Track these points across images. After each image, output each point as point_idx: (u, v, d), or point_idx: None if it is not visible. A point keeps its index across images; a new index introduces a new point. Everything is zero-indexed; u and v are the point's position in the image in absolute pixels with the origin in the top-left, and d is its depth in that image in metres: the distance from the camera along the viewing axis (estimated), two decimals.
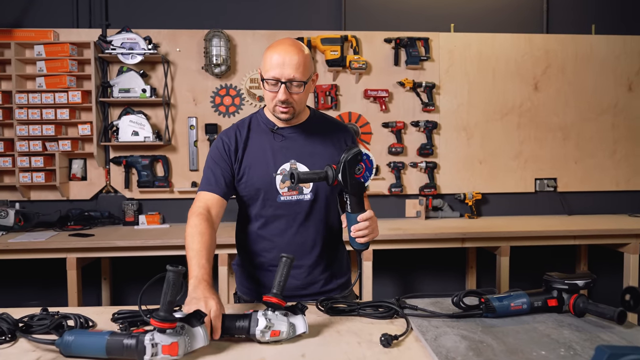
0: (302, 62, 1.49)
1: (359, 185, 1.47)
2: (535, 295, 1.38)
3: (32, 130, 3.40)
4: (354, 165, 1.45)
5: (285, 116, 1.56)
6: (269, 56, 1.50)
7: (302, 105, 1.58)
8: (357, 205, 1.50)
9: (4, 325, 1.27)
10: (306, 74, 1.51)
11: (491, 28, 3.86)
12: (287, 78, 1.48)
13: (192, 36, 3.62)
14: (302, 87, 1.51)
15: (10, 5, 3.55)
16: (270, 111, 1.59)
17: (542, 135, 3.89)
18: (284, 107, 1.53)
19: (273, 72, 1.48)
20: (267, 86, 1.51)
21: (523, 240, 3.28)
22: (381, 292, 3.71)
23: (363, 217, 1.49)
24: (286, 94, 1.50)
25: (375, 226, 1.53)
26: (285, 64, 1.47)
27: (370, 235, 1.51)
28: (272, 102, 1.54)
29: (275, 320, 1.21)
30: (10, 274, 3.61)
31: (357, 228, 1.49)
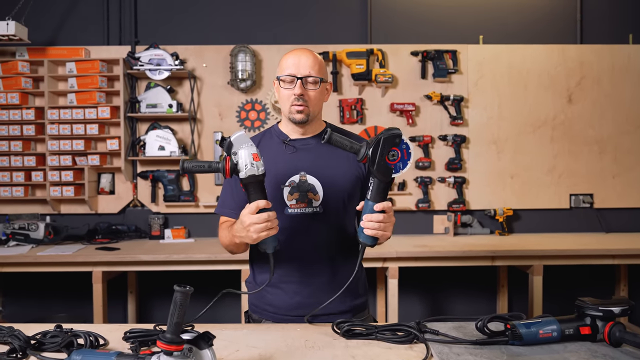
0: (316, 62, 1.56)
1: (387, 170, 1.37)
2: (567, 322, 1.28)
3: (62, 145, 3.48)
4: (389, 145, 1.36)
5: (300, 116, 1.55)
6: (285, 59, 1.57)
7: (316, 108, 1.58)
8: (378, 193, 1.40)
9: (15, 343, 1.26)
10: (321, 73, 1.56)
11: (522, 39, 3.75)
12: (303, 74, 1.53)
13: (218, 51, 3.65)
14: (318, 84, 1.55)
15: (45, 24, 3.66)
16: (286, 114, 1.58)
17: (577, 149, 3.74)
18: (300, 105, 1.54)
19: (289, 70, 1.54)
20: (283, 84, 1.55)
21: (557, 259, 3.13)
22: (407, 311, 3.61)
23: (379, 206, 1.39)
24: (302, 89, 1.53)
25: (390, 224, 1.43)
26: (300, 63, 1.54)
27: (381, 232, 1.41)
28: (287, 101, 1.56)
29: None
30: (39, 286, 3.68)
31: (369, 218, 1.40)
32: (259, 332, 1.43)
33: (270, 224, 1.38)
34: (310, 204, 1.57)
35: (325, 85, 1.60)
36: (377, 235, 1.42)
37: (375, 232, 1.40)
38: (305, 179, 1.57)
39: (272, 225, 1.38)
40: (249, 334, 1.40)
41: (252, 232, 1.38)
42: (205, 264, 3.07)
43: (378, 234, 1.41)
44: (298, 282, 1.59)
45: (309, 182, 1.57)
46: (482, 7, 3.78)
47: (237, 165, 1.36)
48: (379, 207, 1.40)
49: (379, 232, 1.41)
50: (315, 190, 1.57)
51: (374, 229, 1.40)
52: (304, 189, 1.57)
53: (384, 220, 1.40)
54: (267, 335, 1.40)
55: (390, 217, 1.42)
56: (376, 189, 1.40)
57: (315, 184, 1.57)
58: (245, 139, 1.37)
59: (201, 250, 3.17)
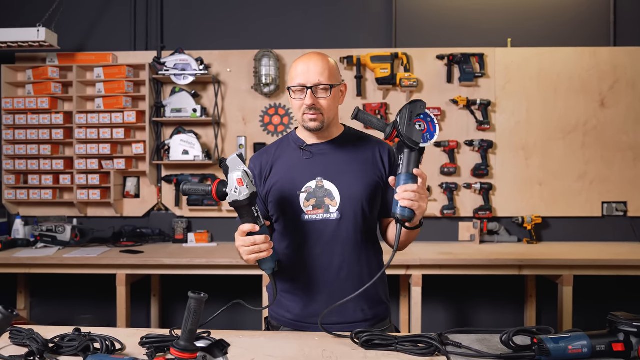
0: (326, 67, 1.51)
1: (415, 133, 1.32)
2: (598, 338, 1.21)
3: (89, 149, 3.54)
4: (415, 112, 1.33)
5: (314, 124, 1.52)
6: (294, 67, 1.53)
7: (330, 113, 1.54)
8: (409, 164, 1.34)
9: (33, 346, 1.26)
10: (332, 79, 1.52)
11: (552, 42, 3.65)
12: (313, 83, 1.49)
13: (243, 56, 3.66)
14: (329, 91, 1.51)
15: (74, 30, 3.74)
16: (300, 123, 1.57)
17: (609, 155, 3.60)
18: (312, 114, 1.51)
19: (298, 79, 1.50)
20: (294, 95, 1.52)
21: (588, 269, 3.01)
22: (431, 320, 3.53)
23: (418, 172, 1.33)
24: (313, 99, 1.49)
25: (425, 196, 1.34)
26: (309, 70, 1.50)
27: (417, 203, 1.32)
28: (300, 110, 1.53)
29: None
30: (65, 287, 3.74)
31: (403, 189, 1.32)
32: (277, 340, 1.40)
33: (257, 248, 1.37)
34: (327, 210, 1.54)
35: (338, 89, 1.56)
36: (413, 207, 1.32)
37: (412, 203, 1.32)
38: (322, 185, 1.54)
39: (260, 249, 1.38)
40: (266, 342, 1.38)
41: (242, 254, 1.41)
42: (226, 268, 3.07)
43: (414, 205, 1.32)
44: (316, 290, 1.56)
45: (326, 187, 1.54)
46: (510, 10, 3.69)
47: (225, 189, 1.37)
48: (417, 172, 1.33)
49: (415, 204, 1.32)
50: (332, 196, 1.54)
51: (410, 199, 1.31)
52: (321, 194, 1.54)
53: (418, 190, 1.32)
54: (285, 343, 1.37)
55: (424, 188, 1.35)
56: (407, 159, 1.35)
57: (332, 190, 1.54)
58: (237, 162, 1.38)
59: (223, 254, 3.17)
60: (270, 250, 1.40)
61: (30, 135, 3.57)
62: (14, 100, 3.57)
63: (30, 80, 3.62)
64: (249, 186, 1.35)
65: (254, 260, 1.41)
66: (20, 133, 3.58)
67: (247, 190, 1.34)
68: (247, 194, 1.34)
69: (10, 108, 3.58)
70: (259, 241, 1.37)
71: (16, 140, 3.58)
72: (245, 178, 1.35)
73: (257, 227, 1.38)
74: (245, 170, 1.36)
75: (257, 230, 1.38)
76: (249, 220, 1.38)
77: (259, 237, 1.37)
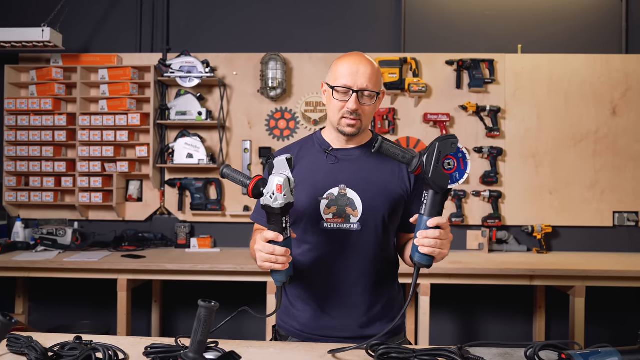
0: (374, 73, 1.44)
1: (443, 178, 1.24)
2: (629, 354, 1.14)
3: (92, 151, 3.49)
4: (445, 152, 1.24)
5: (351, 130, 1.46)
6: (341, 65, 1.45)
7: (368, 121, 1.48)
8: (433, 207, 1.27)
9: (32, 354, 1.20)
10: (378, 86, 1.45)
11: (563, 49, 3.60)
12: (360, 87, 1.42)
13: (249, 59, 3.61)
14: (374, 98, 1.44)
15: (79, 31, 3.70)
16: (334, 125, 1.48)
17: (621, 164, 3.54)
18: (352, 119, 1.44)
19: (344, 79, 1.42)
20: (336, 95, 1.44)
21: (601, 280, 2.94)
22: (439, 331, 3.46)
23: (434, 222, 1.25)
24: (357, 104, 1.42)
25: (447, 241, 1.28)
26: (359, 72, 1.42)
27: (437, 250, 1.26)
28: (338, 112, 1.45)
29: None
30: (65, 292, 3.67)
31: (424, 235, 1.26)
32: (287, 351, 1.33)
33: (274, 259, 1.30)
34: (347, 219, 1.46)
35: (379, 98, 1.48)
36: (433, 254, 1.27)
37: (432, 251, 1.26)
38: (344, 193, 1.47)
39: (278, 261, 1.30)
40: (275, 354, 1.31)
41: (257, 259, 1.34)
42: (230, 274, 3.00)
43: (435, 252, 1.26)
44: (328, 302, 1.49)
45: (349, 196, 1.47)
46: (521, 16, 3.65)
47: (263, 189, 1.30)
48: (432, 223, 1.26)
49: (435, 251, 1.26)
50: (354, 205, 1.46)
51: (430, 246, 1.26)
52: (343, 203, 1.47)
53: (440, 237, 1.26)
54: (296, 355, 1.30)
55: (447, 233, 1.28)
56: (431, 201, 1.27)
57: (355, 199, 1.47)
58: (284, 165, 1.31)
59: (227, 260, 3.10)
60: (286, 265, 1.33)
61: (33, 137, 3.51)
62: (17, 101, 3.52)
63: (33, 81, 3.57)
64: (287, 195, 1.28)
65: (267, 269, 1.34)
66: (22, 134, 3.52)
67: (284, 199, 1.27)
68: (282, 203, 1.27)
69: (13, 109, 3.52)
70: (277, 252, 1.30)
71: (18, 141, 3.53)
72: (286, 186, 1.27)
73: (281, 237, 1.31)
74: (289, 177, 1.29)
75: (280, 240, 1.31)
76: (275, 229, 1.31)
77: (279, 249, 1.30)
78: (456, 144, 1.25)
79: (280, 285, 1.39)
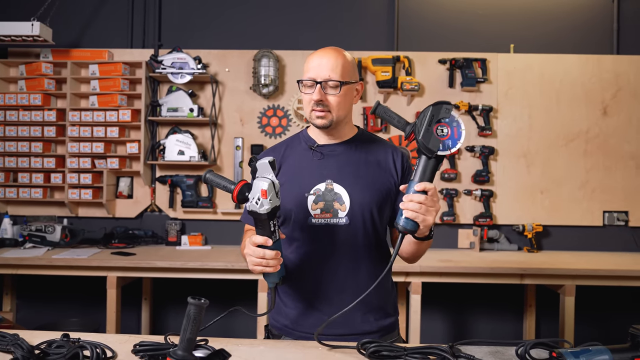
0: (340, 64, 1.44)
1: (434, 141, 1.22)
2: (620, 352, 1.14)
3: (82, 147, 3.45)
4: (438, 117, 1.23)
5: (321, 121, 1.46)
6: (308, 60, 1.48)
7: (340, 112, 1.47)
8: (423, 172, 1.24)
9: (18, 352, 1.18)
10: (345, 76, 1.44)
11: (555, 49, 3.61)
12: (323, 78, 1.43)
13: (242, 56, 3.59)
14: (339, 88, 1.43)
15: (70, 26, 3.65)
16: (308, 118, 1.50)
17: (611, 164, 3.57)
18: (320, 110, 1.44)
19: (309, 73, 1.45)
20: (303, 89, 1.46)
21: (591, 279, 2.96)
22: (429, 328, 3.46)
23: (421, 186, 1.22)
24: (321, 94, 1.43)
25: (433, 210, 1.24)
26: (322, 65, 1.44)
27: (421, 216, 1.22)
28: (308, 106, 1.46)
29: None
30: (53, 289, 3.63)
31: (409, 198, 1.23)
32: (278, 349, 1.32)
33: (265, 262, 1.31)
34: (335, 214, 1.46)
35: (353, 87, 1.49)
36: (416, 219, 1.23)
37: (415, 215, 1.22)
38: (331, 188, 1.47)
39: (268, 264, 1.31)
40: (266, 352, 1.30)
41: (248, 263, 1.34)
42: (221, 272, 2.98)
43: (418, 217, 1.23)
44: (320, 298, 1.48)
45: (336, 191, 1.47)
46: (513, 16, 3.66)
47: (248, 194, 1.29)
48: (419, 187, 1.23)
49: (419, 216, 1.22)
50: (341, 200, 1.46)
51: (413, 210, 1.22)
52: (330, 198, 1.47)
53: (425, 202, 1.22)
54: (287, 353, 1.29)
55: (433, 200, 1.24)
56: (422, 167, 1.25)
57: (342, 193, 1.47)
58: (267, 168, 1.29)
59: (218, 258, 3.09)
60: (277, 267, 1.33)
61: (22, 132, 3.47)
62: (6, 96, 3.48)
63: (22, 75, 3.53)
64: (273, 200, 1.26)
65: (258, 272, 1.35)
66: (11, 130, 3.48)
67: (270, 204, 1.26)
68: (268, 209, 1.26)
69: (1, 104, 3.48)
70: (268, 256, 1.30)
71: (6, 137, 3.48)
72: (270, 190, 1.26)
73: (270, 241, 1.31)
74: (273, 181, 1.28)
75: (269, 244, 1.31)
76: (263, 233, 1.31)
77: (269, 253, 1.30)
78: (450, 110, 1.24)
79: (273, 286, 1.39)
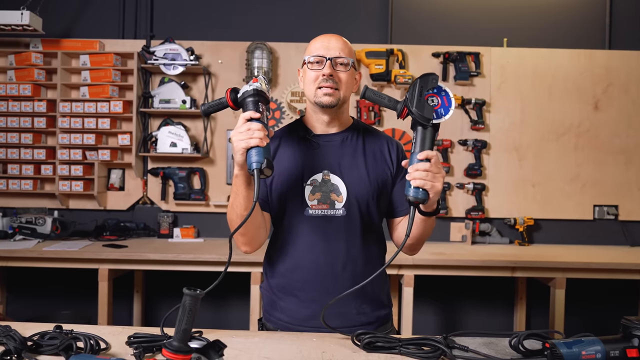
0: (346, 46, 1.47)
1: (427, 109, 1.26)
2: (612, 343, 1.16)
3: (73, 139, 3.42)
4: (426, 87, 1.27)
5: (328, 99, 1.43)
6: (313, 42, 1.49)
7: (347, 92, 1.46)
8: (422, 142, 1.27)
9: (10, 344, 1.17)
10: (351, 56, 1.47)
11: (547, 43, 3.63)
12: (333, 55, 1.43)
13: (235, 48, 3.57)
14: (348, 66, 1.44)
15: (60, 16, 3.60)
16: (312, 98, 1.46)
17: (602, 158, 3.60)
18: (329, 87, 1.42)
19: (317, 51, 1.44)
20: (310, 66, 1.45)
21: (581, 272, 2.99)
22: (422, 321, 3.48)
23: (423, 154, 1.24)
24: (331, 69, 1.42)
25: (440, 175, 1.26)
26: (330, 45, 1.45)
27: (430, 183, 1.24)
28: (314, 83, 1.44)
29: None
30: (44, 282, 3.61)
31: (414, 168, 1.25)
32: (272, 341, 1.33)
33: (250, 133, 1.23)
34: (332, 205, 1.45)
35: (355, 73, 1.49)
36: (425, 187, 1.24)
37: (424, 183, 1.24)
38: (328, 178, 1.46)
39: (253, 135, 1.23)
40: (261, 343, 1.30)
41: (234, 146, 1.26)
42: (214, 265, 2.98)
43: (427, 184, 1.24)
44: (316, 290, 1.47)
45: (332, 181, 1.46)
46: (506, 10, 3.66)
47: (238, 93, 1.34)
48: (421, 156, 1.25)
49: (427, 183, 1.24)
50: (338, 190, 1.46)
51: (421, 178, 1.23)
52: (327, 189, 1.46)
53: (431, 169, 1.24)
54: (281, 344, 1.29)
55: (437, 166, 1.26)
56: (420, 137, 1.27)
57: (339, 184, 1.46)
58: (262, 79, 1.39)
59: (210, 250, 3.08)
60: (263, 142, 1.23)
61: (11, 123, 3.43)
62: None
63: (12, 65, 3.48)
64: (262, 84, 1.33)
65: (244, 149, 1.24)
66: (0, 120, 3.43)
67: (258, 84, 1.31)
68: (257, 86, 1.31)
69: None
70: (254, 127, 1.24)
71: None
72: (262, 81, 1.34)
73: (257, 114, 1.28)
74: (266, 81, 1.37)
75: (256, 116, 1.28)
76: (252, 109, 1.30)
77: (256, 124, 1.25)
78: (437, 80, 1.28)
79: (258, 167, 1.23)
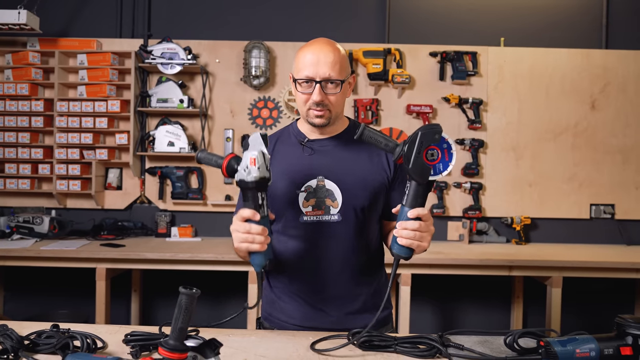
0: (337, 60, 1.38)
1: (425, 169, 1.20)
2: (606, 341, 1.16)
3: (71, 138, 3.41)
4: (427, 142, 1.20)
5: (320, 120, 1.41)
6: (302, 55, 1.40)
7: (338, 109, 1.43)
8: (414, 198, 1.23)
9: (7, 343, 1.17)
10: (342, 74, 1.39)
11: (545, 43, 3.63)
12: (322, 77, 1.37)
13: (232, 47, 3.57)
14: (339, 87, 1.39)
15: (57, 15, 3.60)
16: (304, 117, 1.45)
17: (599, 158, 3.61)
18: (319, 110, 1.40)
19: (306, 71, 1.37)
20: (299, 87, 1.40)
21: (577, 271, 3.00)
22: (419, 320, 3.49)
23: (414, 213, 1.22)
24: (321, 95, 1.37)
25: (428, 234, 1.25)
26: (320, 62, 1.36)
27: (416, 242, 1.23)
28: (305, 105, 1.41)
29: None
30: (41, 281, 3.61)
31: (403, 225, 1.23)
32: (269, 339, 1.33)
33: (250, 238, 1.22)
34: (327, 211, 1.44)
35: (347, 81, 1.43)
36: (411, 246, 1.24)
37: (410, 242, 1.23)
38: (323, 184, 1.44)
39: (254, 240, 1.22)
40: (257, 342, 1.31)
41: (234, 240, 1.27)
42: (211, 264, 2.98)
43: (413, 244, 1.24)
44: (314, 294, 1.47)
45: (327, 187, 1.44)
46: (504, 9, 3.67)
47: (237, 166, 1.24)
48: (412, 214, 1.22)
49: (414, 242, 1.23)
50: (333, 196, 1.44)
51: (408, 237, 1.23)
52: (322, 195, 1.44)
53: (420, 229, 1.23)
54: (277, 343, 1.30)
55: (427, 225, 1.24)
56: (413, 192, 1.23)
57: (334, 190, 1.44)
58: (259, 141, 1.25)
59: (208, 249, 3.08)
60: (264, 245, 1.24)
61: (8, 122, 3.42)
62: None
63: (9, 65, 3.47)
64: (262, 169, 1.21)
65: (244, 250, 1.25)
66: None
67: (258, 173, 1.20)
68: (256, 177, 1.20)
69: None
70: (254, 231, 1.22)
71: None
72: (260, 159, 1.21)
73: (258, 215, 1.23)
74: (264, 152, 1.23)
75: (257, 219, 1.23)
76: (250, 206, 1.23)
77: (256, 227, 1.22)
78: (440, 135, 1.21)
79: (259, 270, 1.27)
